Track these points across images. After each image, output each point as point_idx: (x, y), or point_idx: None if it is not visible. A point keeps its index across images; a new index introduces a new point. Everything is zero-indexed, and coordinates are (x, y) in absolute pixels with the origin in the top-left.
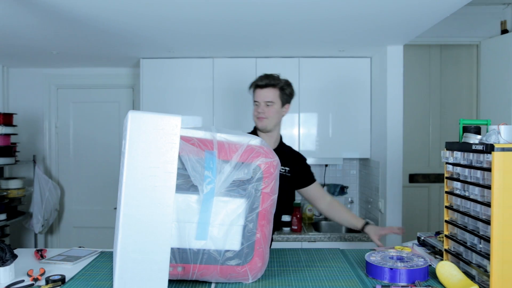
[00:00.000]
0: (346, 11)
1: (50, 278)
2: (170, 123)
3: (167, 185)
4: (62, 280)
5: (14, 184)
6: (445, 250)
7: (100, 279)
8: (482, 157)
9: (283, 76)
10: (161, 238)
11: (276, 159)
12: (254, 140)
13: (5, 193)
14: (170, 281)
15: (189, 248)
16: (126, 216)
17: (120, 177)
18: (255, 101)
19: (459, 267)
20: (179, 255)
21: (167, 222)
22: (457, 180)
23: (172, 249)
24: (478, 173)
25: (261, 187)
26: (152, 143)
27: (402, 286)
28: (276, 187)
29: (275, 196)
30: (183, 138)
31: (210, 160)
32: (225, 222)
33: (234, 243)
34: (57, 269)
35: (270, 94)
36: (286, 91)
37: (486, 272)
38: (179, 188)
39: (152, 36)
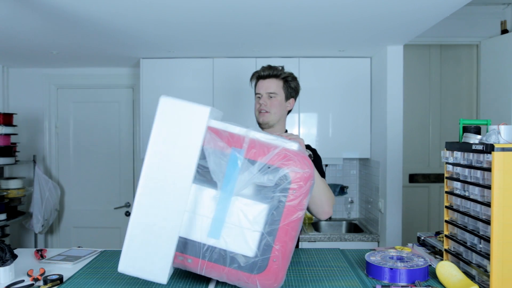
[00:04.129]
0: (346, 11)
1: (48, 277)
2: (197, 113)
3: (184, 173)
4: (60, 279)
5: (14, 184)
6: (445, 250)
7: (98, 278)
8: (482, 157)
9: None
10: (169, 225)
11: (308, 171)
12: (292, 145)
13: (5, 193)
14: (175, 272)
15: (201, 243)
16: (141, 195)
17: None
18: (256, 94)
19: (459, 267)
20: (189, 247)
21: (179, 211)
22: (457, 180)
23: (184, 239)
24: (478, 173)
25: (286, 199)
26: (177, 129)
27: (402, 286)
28: (305, 203)
29: (302, 213)
30: (215, 131)
31: (235, 157)
32: (241, 225)
33: (247, 249)
34: (57, 269)
35: (273, 85)
36: (290, 84)
37: (486, 272)
38: (201, 180)
39: (152, 36)
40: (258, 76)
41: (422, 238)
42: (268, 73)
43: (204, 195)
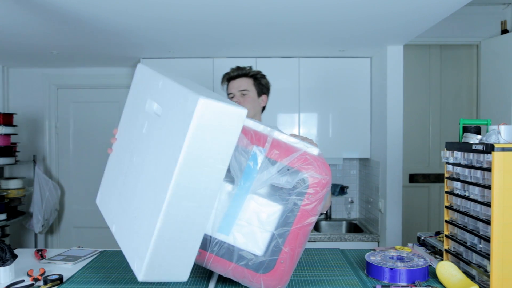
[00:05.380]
0: (345, 11)
1: (48, 278)
2: (235, 114)
3: (217, 175)
4: (60, 279)
5: (14, 184)
6: (445, 250)
7: (98, 278)
8: (482, 157)
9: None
10: (197, 229)
11: (326, 178)
12: (313, 150)
13: (5, 193)
14: None
15: (212, 237)
16: (171, 205)
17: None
18: (229, 94)
19: (459, 267)
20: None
21: (207, 214)
22: (457, 180)
23: None
24: (478, 173)
25: (301, 202)
26: (214, 132)
27: (402, 286)
28: (319, 208)
29: (315, 218)
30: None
31: (256, 155)
32: (252, 223)
33: (256, 247)
34: (57, 269)
35: (244, 83)
36: (261, 81)
37: (486, 272)
38: None
39: (152, 36)
40: (229, 77)
41: (422, 238)
42: (237, 73)
43: (221, 190)
